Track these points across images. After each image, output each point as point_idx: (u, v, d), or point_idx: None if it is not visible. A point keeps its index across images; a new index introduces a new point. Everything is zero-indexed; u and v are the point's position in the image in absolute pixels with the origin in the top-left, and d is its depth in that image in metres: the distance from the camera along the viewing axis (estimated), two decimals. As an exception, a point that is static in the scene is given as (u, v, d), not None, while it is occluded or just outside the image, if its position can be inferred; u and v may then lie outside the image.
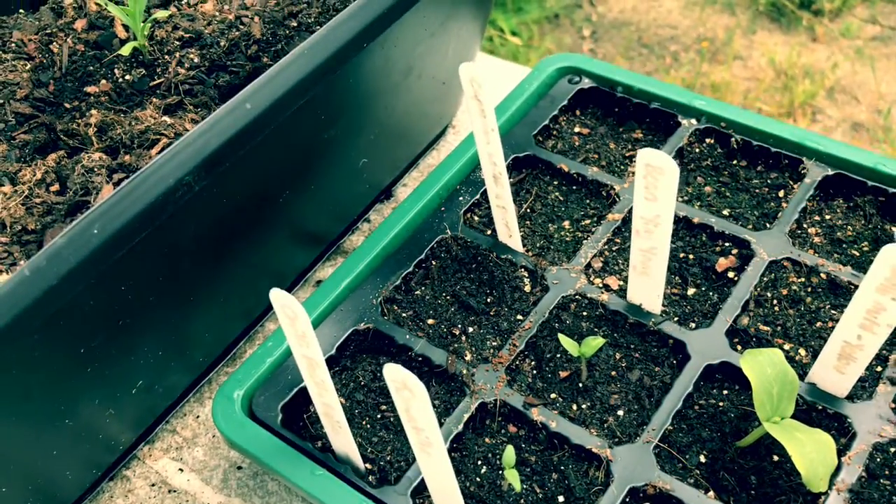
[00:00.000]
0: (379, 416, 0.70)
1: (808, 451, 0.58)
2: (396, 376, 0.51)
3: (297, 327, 0.56)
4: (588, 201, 0.83)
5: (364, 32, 0.67)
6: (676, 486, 0.62)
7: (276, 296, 0.55)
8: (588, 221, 0.81)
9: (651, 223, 0.64)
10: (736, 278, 0.75)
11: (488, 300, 0.76)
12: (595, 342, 0.66)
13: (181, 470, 0.78)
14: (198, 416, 0.82)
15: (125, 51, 0.74)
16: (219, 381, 0.84)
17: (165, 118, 0.67)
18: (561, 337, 0.67)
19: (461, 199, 0.83)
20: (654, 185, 0.61)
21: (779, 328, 0.72)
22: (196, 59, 0.76)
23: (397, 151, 0.97)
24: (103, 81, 0.75)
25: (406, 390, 0.51)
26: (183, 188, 0.58)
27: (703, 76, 2.56)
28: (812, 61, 2.61)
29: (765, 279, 0.75)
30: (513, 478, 0.61)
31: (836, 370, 0.65)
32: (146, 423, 0.78)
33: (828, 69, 2.58)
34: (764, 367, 0.62)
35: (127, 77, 0.76)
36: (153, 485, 0.77)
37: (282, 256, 0.85)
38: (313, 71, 0.64)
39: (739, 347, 0.71)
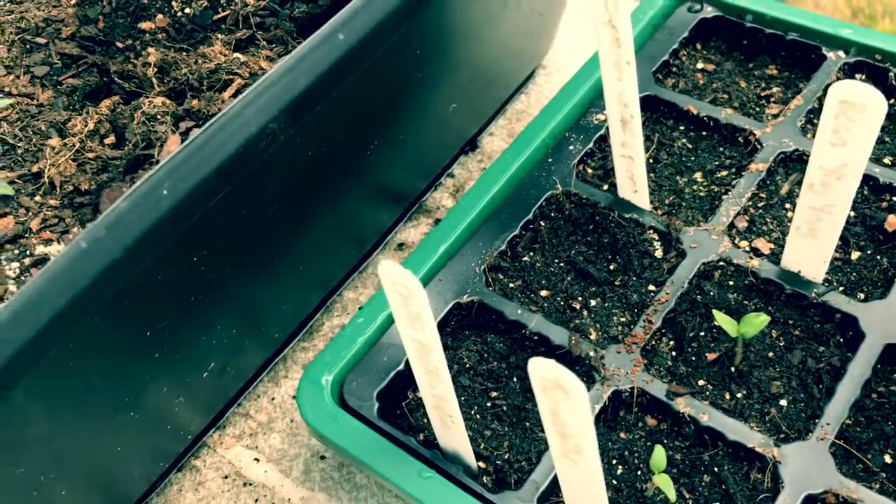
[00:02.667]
0: (489, 404, 0.60)
1: None
2: (547, 373, 0.40)
3: (411, 307, 0.46)
4: (722, 149, 0.71)
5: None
6: (862, 493, 0.51)
7: (387, 270, 0.44)
8: (725, 173, 0.69)
9: (833, 175, 0.52)
10: (910, 239, 0.63)
11: (611, 268, 0.65)
12: (758, 320, 0.55)
13: (257, 460, 0.69)
14: (273, 398, 0.73)
15: (184, -22, 0.64)
16: (294, 357, 0.75)
17: (238, 55, 0.56)
18: (716, 314, 0.56)
19: (571, 147, 0.72)
20: (847, 127, 0.48)
21: (971, 300, 0.60)
22: (267, -13, 0.65)
23: (486, 96, 0.85)
24: (160, 16, 0.65)
25: (558, 390, 0.40)
26: (267, 138, 0.47)
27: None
28: (892, -2, 2.42)
29: (947, 240, 0.62)
30: (665, 484, 0.51)
31: None
32: (217, 407, 0.69)
33: (912, 6, 2.39)
34: (977, 352, 0.50)
35: (187, 10, 0.65)
36: (226, 477, 0.68)
37: (363, 217, 0.74)
38: (415, -7, 0.53)
39: (923, 323, 0.59)
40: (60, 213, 0.52)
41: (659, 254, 0.64)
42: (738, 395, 0.57)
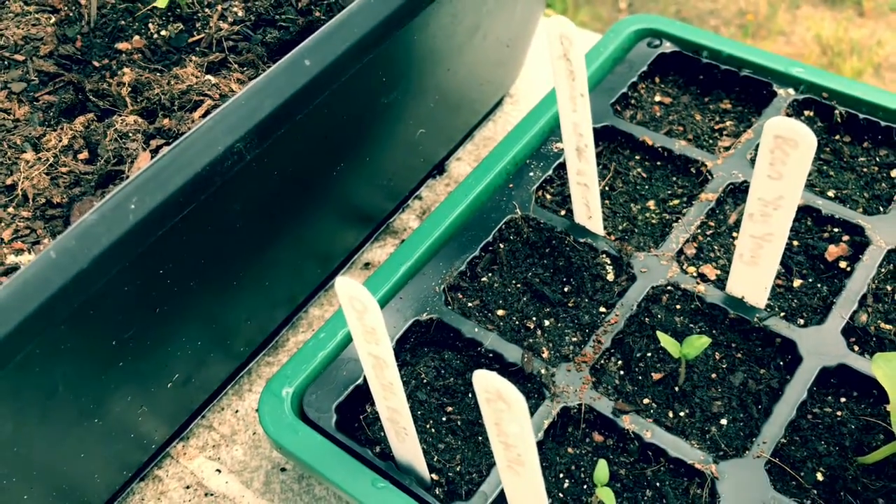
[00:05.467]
0: (444, 418, 0.62)
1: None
2: (489, 385, 0.42)
3: (365, 322, 0.48)
4: (675, 179, 0.74)
5: (437, -20, 0.58)
6: (794, 509, 0.54)
7: (344, 285, 0.47)
8: (676, 202, 0.72)
9: (770, 206, 0.55)
10: (849, 269, 0.66)
11: (565, 290, 0.68)
12: (700, 342, 0.57)
13: (219, 471, 0.70)
14: (237, 411, 0.74)
15: (161, 3, 0.66)
16: (259, 371, 0.77)
17: (209, 77, 0.59)
18: (660, 335, 0.58)
19: (531, 174, 0.74)
20: (782, 160, 0.52)
21: (903, 327, 0.63)
22: (240, 13, 0.67)
23: (454, 122, 0.88)
24: (136, 37, 0.67)
25: (501, 402, 0.43)
26: (233, 157, 0.50)
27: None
28: (859, 37, 2.49)
29: (883, 270, 0.66)
30: (607, 498, 0.53)
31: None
32: (181, 418, 0.71)
33: (875, 45, 2.45)
34: (901, 375, 0.53)
35: (163, 33, 0.67)
36: (188, 487, 0.70)
37: (330, 236, 0.77)
38: (381, 24, 0.55)
39: (857, 348, 0.62)
40: (32, 224, 0.54)
41: (611, 277, 0.67)
42: (681, 413, 0.60)
